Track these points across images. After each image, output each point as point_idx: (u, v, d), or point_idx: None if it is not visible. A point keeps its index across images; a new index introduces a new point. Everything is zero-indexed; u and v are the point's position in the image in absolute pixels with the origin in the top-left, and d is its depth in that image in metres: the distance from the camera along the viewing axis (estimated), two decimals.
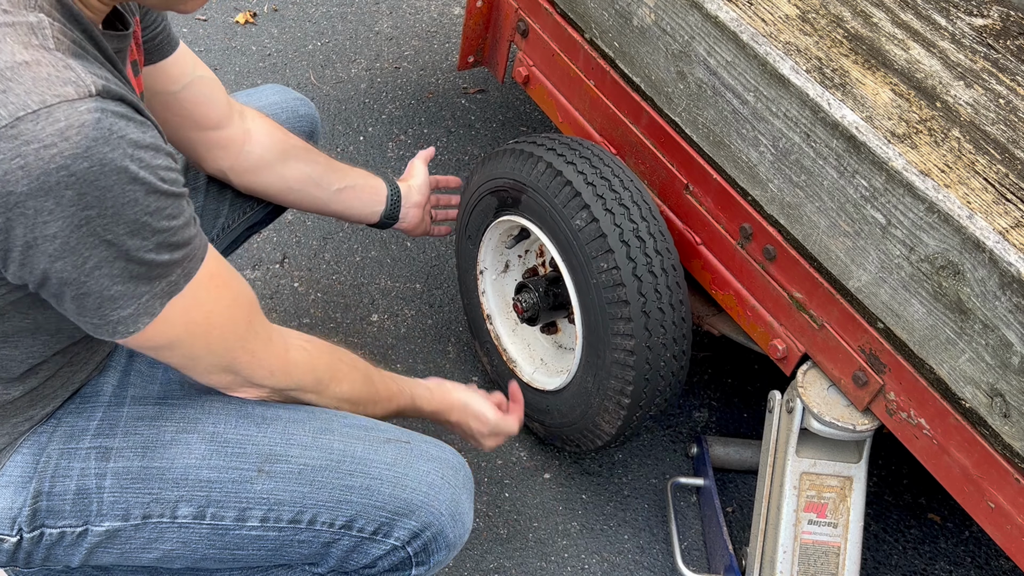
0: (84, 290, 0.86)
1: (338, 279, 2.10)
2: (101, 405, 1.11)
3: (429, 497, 1.13)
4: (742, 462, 1.76)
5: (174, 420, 1.11)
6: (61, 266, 0.83)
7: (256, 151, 1.42)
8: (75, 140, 0.76)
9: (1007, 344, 1.04)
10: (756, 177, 1.30)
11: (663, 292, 1.42)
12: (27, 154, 0.75)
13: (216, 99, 1.34)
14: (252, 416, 1.12)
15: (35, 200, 0.77)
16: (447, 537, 1.16)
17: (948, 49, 1.34)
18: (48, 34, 0.79)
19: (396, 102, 2.53)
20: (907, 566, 1.72)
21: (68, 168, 0.76)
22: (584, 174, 1.45)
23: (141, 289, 0.88)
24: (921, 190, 1.08)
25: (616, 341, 1.45)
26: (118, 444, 1.08)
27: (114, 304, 0.88)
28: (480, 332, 1.82)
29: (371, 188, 1.61)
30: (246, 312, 1.03)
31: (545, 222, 1.51)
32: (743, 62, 1.26)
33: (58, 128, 0.76)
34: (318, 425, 1.14)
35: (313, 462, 1.11)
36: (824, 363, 1.31)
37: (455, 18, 2.84)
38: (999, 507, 1.12)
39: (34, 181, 0.76)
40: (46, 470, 1.06)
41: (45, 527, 1.06)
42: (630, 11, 1.44)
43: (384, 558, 1.15)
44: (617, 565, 1.67)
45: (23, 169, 0.76)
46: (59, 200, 0.78)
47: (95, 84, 0.79)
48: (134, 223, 0.83)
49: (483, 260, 1.74)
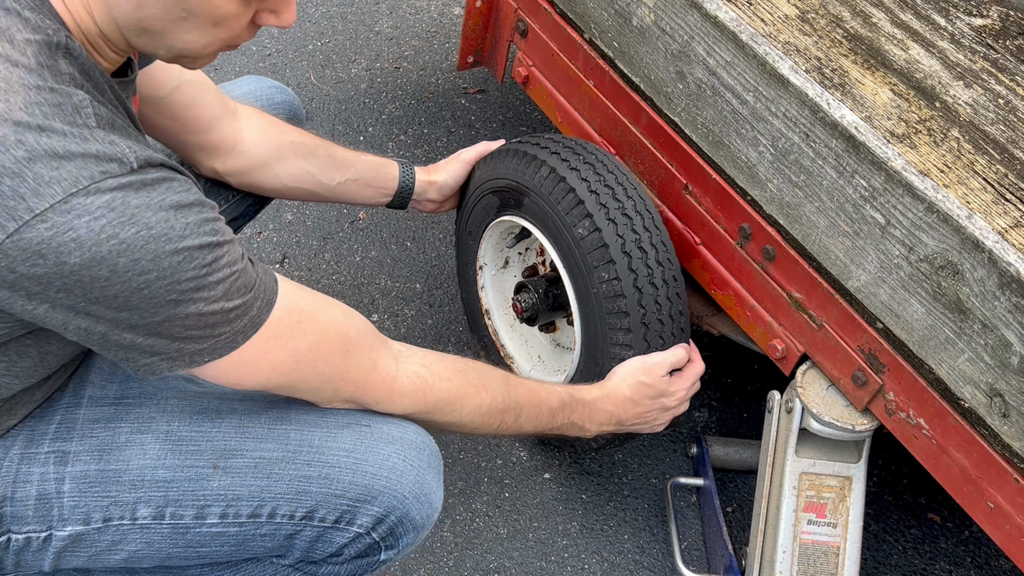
0: (155, 334, 0.89)
1: (338, 279, 2.10)
2: (60, 408, 1.11)
3: (391, 481, 1.11)
4: (742, 462, 1.76)
5: (128, 420, 1.11)
6: (127, 316, 0.87)
7: (248, 151, 1.41)
8: (120, 209, 0.82)
9: (1006, 344, 1.04)
10: (755, 177, 1.30)
11: (663, 304, 1.42)
12: (79, 227, 0.80)
13: (205, 102, 1.33)
14: (207, 411, 1.12)
15: (90, 270, 0.81)
16: (413, 519, 1.14)
17: (947, 49, 1.34)
18: (90, 112, 0.84)
19: (396, 102, 2.53)
20: (907, 566, 1.72)
21: (118, 236, 0.81)
22: (588, 181, 1.43)
23: (220, 330, 0.92)
24: (920, 190, 1.08)
25: (615, 351, 1.44)
26: (75, 448, 1.08)
27: (188, 342, 0.91)
28: (478, 327, 1.82)
29: (377, 181, 1.58)
30: (339, 344, 1.05)
31: (547, 227, 1.50)
32: (742, 62, 1.26)
33: (105, 200, 0.81)
34: (274, 415, 1.13)
35: (269, 454, 1.10)
36: (823, 363, 1.30)
37: (455, 18, 2.84)
38: (998, 507, 1.12)
39: (87, 252, 0.81)
40: (8, 475, 1.06)
41: (11, 532, 1.06)
42: (629, 11, 1.44)
43: (349, 545, 1.14)
44: (617, 565, 1.67)
45: (75, 241, 0.80)
46: (113, 268, 0.82)
47: (137, 158, 0.84)
48: (195, 278, 0.87)
49: (483, 256, 1.74)
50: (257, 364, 0.98)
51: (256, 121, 1.43)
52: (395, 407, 1.13)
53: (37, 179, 0.79)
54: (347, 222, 2.21)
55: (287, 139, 1.46)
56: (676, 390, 1.44)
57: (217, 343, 0.93)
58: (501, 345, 1.78)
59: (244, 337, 0.95)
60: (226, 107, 1.38)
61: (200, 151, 1.38)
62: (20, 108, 0.79)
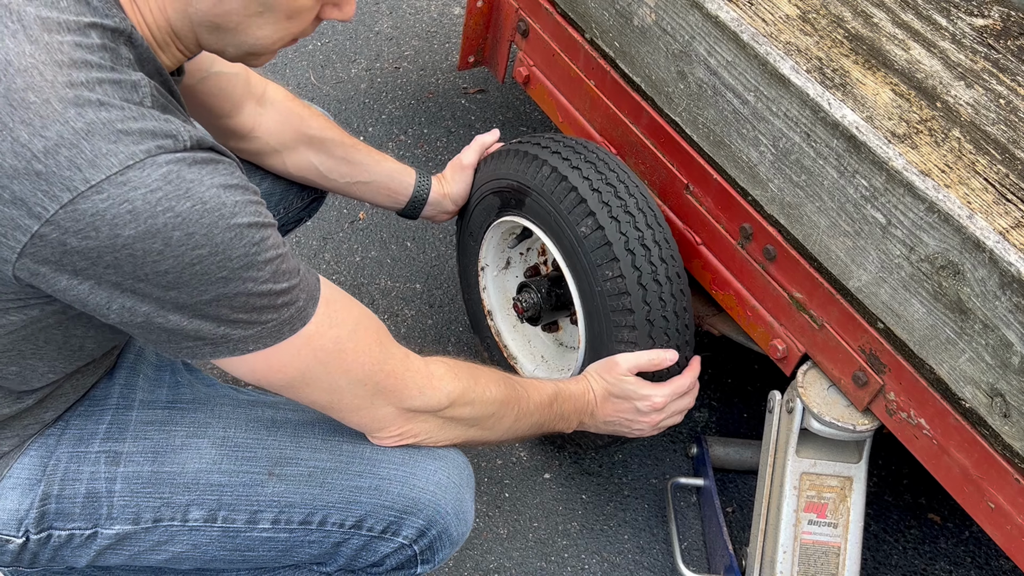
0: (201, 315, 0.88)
1: (338, 279, 2.10)
2: (110, 409, 1.12)
3: (436, 496, 1.14)
4: (742, 462, 1.76)
5: (184, 425, 1.12)
6: (175, 295, 0.86)
7: (262, 139, 1.43)
8: (176, 183, 0.82)
9: (1007, 344, 1.04)
10: (756, 177, 1.30)
11: (667, 300, 1.42)
12: (135, 199, 0.80)
13: (231, 93, 1.35)
14: (262, 420, 1.13)
15: (143, 242, 0.81)
16: (451, 535, 1.17)
17: (948, 49, 1.34)
18: (147, 92, 0.84)
19: (396, 102, 2.53)
20: (907, 566, 1.72)
21: (174, 209, 0.81)
22: (589, 180, 1.43)
23: (268, 316, 0.92)
24: (921, 190, 1.08)
25: (619, 348, 1.44)
26: (128, 448, 1.09)
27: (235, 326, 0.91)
28: (480, 327, 1.82)
29: (390, 189, 1.58)
30: (375, 334, 1.04)
31: (549, 226, 1.50)
32: (743, 62, 1.26)
33: (162, 173, 0.81)
34: (327, 427, 1.14)
35: (323, 464, 1.12)
36: (824, 363, 1.31)
37: (455, 18, 2.84)
38: (999, 507, 1.12)
39: (142, 224, 0.81)
40: (55, 473, 1.07)
41: (53, 529, 1.07)
42: (630, 11, 1.44)
43: (391, 556, 1.16)
44: (617, 565, 1.67)
45: (131, 213, 0.80)
46: (167, 241, 0.82)
47: (191, 137, 0.85)
48: (244, 256, 0.86)
49: (485, 257, 1.74)
50: (301, 351, 0.96)
51: (281, 108, 1.44)
52: (438, 394, 1.10)
53: (94, 151, 0.79)
54: (347, 222, 2.21)
55: (306, 132, 1.47)
56: (648, 394, 1.40)
57: (263, 331, 0.92)
58: (504, 346, 1.78)
59: (291, 330, 0.94)
60: (251, 92, 1.39)
61: (216, 132, 1.39)
62: (81, 84, 0.79)
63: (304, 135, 1.47)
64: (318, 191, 1.61)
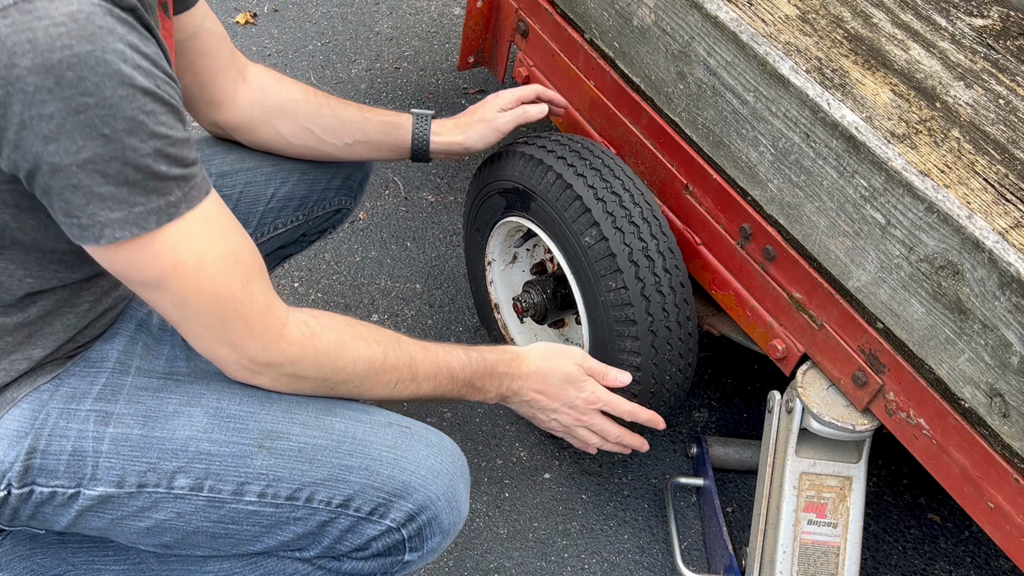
0: (75, 182, 0.86)
1: (338, 279, 2.10)
2: (105, 371, 1.12)
3: (427, 481, 1.13)
4: (742, 462, 1.76)
5: (178, 394, 1.11)
6: (54, 149, 0.84)
7: (247, 107, 1.41)
8: (83, 23, 0.80)
9: (1006, 344, 1.04)
10: (756, 177, 1.31)
11: (671, 311, 1.41)
12: (37, 28, 0.79)
13: (218, 53, 1.34)
14: (256, 394, 1.12)
15: (36, 76, 0.80)
16: (442, 523, 1.15)
17: (948, 49, 1.34)
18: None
19: (396, 102, 2.53)
20: (907, 566, 1.72)
21: (72, 48, 0.80)
22: (594, 188, 1.42)
23: (136, 198, 0.89)
24: (921, 190, 1.08)
25: (623, 357, 1.44)
26: (119, 410, 1.08)
27: (103, 203, 0.88)
28: (488, 320, 1.82)
29: (389, 142, 1.53)
30: (243, 271, 1.00)
31: (554, 232, 1.49)
32: (743, 62, 1.26)
33: (70, 10, 0.79)
34: (321, 406, 1.14)
35: (314, 441, 1.11)
36: (823, 363, 1.31)
37: (455, 18, 2.84)
38: (998, 507, 1.12)
39: (39, 56, 0.79)
40: (43, 427, 1.06)
41: (36, 485, 1.06)
42: (630, 11, 1.44)
43: (378, 539, 1.15)
44: (617, 565, 1.67)
45: (31, 43, 0.79)
46: (59, 80, 0.80)
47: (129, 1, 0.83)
48: (131, 120, 0.84)
49: (491, 252, 1.74)
50: (161, 254, 0.93)
51: (262, 78, 1.43)
52: (282, 355, 1.07)
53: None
54: (347, 222, 2.21)
55: (288, 95, 1.45)
56: (588, 385, 1.38)
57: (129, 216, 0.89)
58: (511, 339, 1.78)
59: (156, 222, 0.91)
60: (234, 63, 1.38)
61: (204, 103, 1.39)
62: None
63: (288, 99, 1.45)
64: (343, 201, 1.60)
